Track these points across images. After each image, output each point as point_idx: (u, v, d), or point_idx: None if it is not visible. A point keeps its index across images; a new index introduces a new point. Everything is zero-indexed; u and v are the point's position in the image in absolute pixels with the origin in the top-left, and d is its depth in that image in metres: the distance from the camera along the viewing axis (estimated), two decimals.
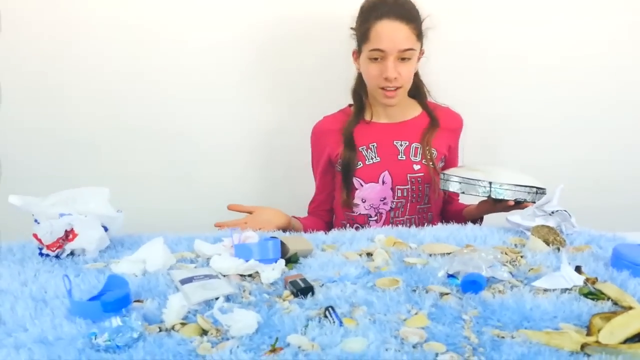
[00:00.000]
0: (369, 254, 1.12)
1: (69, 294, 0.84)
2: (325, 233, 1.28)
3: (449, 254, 1.09)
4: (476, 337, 0.76)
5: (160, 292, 0.93)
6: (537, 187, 1.31)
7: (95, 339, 0.73)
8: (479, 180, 1.31)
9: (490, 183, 1.30)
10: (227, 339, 0.76)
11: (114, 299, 0.76)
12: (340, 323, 0.80)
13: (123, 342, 0.73)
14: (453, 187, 1.34)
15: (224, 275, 0.99)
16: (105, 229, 1.17)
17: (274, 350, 0.71)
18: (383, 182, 1.53)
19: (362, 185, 1.55)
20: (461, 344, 0.74)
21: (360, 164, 1.54)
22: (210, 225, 1.36)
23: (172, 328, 0.79)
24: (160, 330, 0.79)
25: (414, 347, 0.74)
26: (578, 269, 0.95)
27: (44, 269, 1.04)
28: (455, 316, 0.82)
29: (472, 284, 0.89)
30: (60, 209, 1.15)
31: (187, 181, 1.95)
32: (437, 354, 0.71)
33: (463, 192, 1.33)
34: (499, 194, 1.30)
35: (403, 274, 1.00)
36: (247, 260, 1.01)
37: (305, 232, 1.35)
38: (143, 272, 1.01)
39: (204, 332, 0.78)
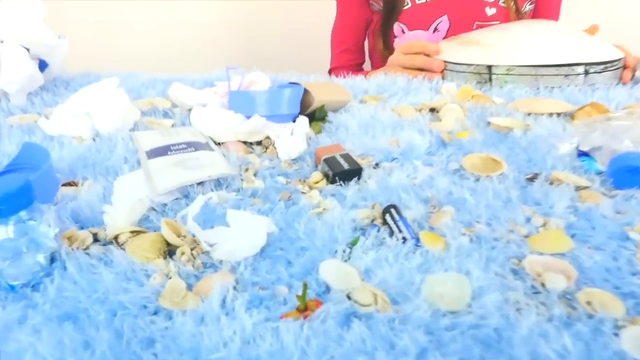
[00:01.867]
0: (433, 110, 0.74)
1: None
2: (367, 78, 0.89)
3: (558, 115, 0.72)
4: None
5: (111, 169, 0.57)
6: (585, 63, 0.80)
7: None
8: (471, 64, 0.83)
9: (489, 68, 0.83)
10: (212, 269, 0.42)
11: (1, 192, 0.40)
12: (417, 241, 0.45)
13: (20, 280, 0.39)
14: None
15: (219, 144, 0.63)
16: (43, 66, 0.78)
17: (305, 308, 0.37)
18: (435, 30, 1.08)
19: (403, 33, 1.10)
20: None
21: (408, 4, 1.08)
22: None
23: (116, 240, 0.45)
24: (95, 242, 0.45)
25: (559, 298, 0.39)
26: None
27: None
28: (613, 232, 0.47)
29: (633, 174, 0.53)
30: None
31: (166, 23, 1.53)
32: (616, 323, 0.37)
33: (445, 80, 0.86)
34: (508, 81, 0.81)
35: (497, 146, 0.63)
36: (248, 117, 0.64)
37: None
38: (93, 133, 0.65)
39: (170, 251, 0.44)
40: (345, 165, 0.56)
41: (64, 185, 0.53)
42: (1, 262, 0.38)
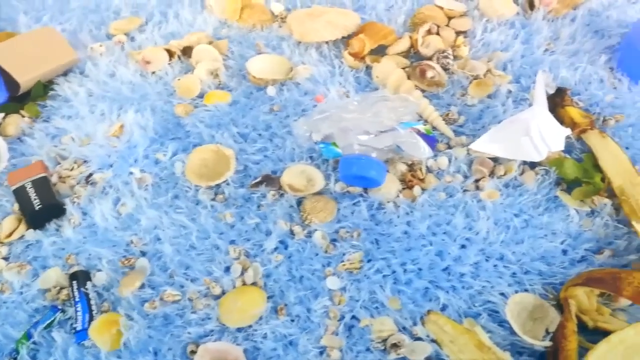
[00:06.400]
0: (188, 51, 0.62)
1: None
2: None
3: (334, 42, 0.60)
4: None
5: None
6: None
7: None
8: None
9: None
10: None
11: None
12: (85, 334, 0.40)
13: None
14: None
15: None
16: None
17: None
18: None
19: None
20: None
21: None
22: None
23: None
24: None
25: None
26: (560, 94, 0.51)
27: None
28: (310, 280, 0.42)
29: (360, 179, 0.46)
30: None
31: None
32: None
33: None
34: None
35: (238, 122, 0.53)
36: None
37: None
38: None
39: None
40: (37, 204, 0.47)
41: None
42: None
